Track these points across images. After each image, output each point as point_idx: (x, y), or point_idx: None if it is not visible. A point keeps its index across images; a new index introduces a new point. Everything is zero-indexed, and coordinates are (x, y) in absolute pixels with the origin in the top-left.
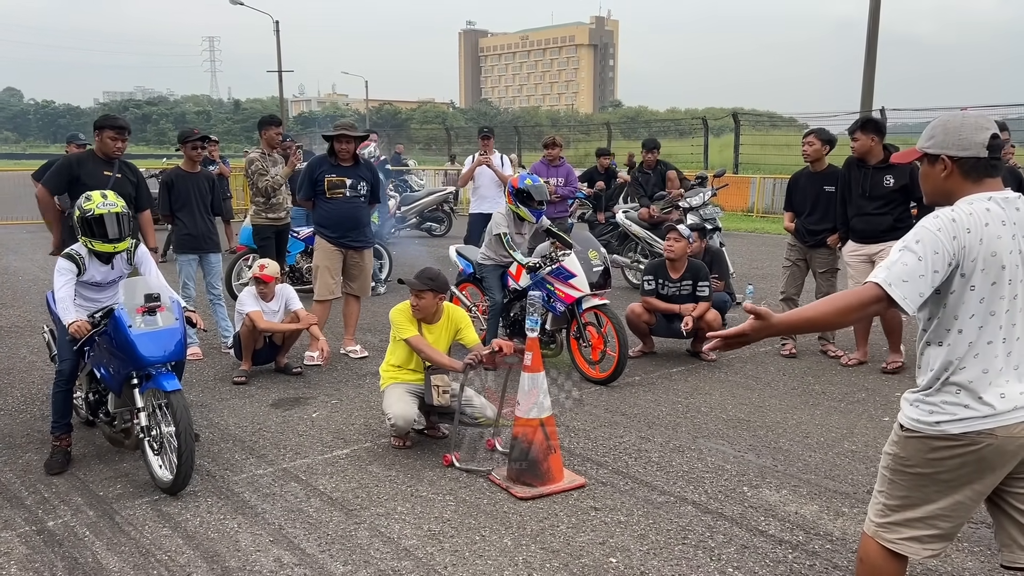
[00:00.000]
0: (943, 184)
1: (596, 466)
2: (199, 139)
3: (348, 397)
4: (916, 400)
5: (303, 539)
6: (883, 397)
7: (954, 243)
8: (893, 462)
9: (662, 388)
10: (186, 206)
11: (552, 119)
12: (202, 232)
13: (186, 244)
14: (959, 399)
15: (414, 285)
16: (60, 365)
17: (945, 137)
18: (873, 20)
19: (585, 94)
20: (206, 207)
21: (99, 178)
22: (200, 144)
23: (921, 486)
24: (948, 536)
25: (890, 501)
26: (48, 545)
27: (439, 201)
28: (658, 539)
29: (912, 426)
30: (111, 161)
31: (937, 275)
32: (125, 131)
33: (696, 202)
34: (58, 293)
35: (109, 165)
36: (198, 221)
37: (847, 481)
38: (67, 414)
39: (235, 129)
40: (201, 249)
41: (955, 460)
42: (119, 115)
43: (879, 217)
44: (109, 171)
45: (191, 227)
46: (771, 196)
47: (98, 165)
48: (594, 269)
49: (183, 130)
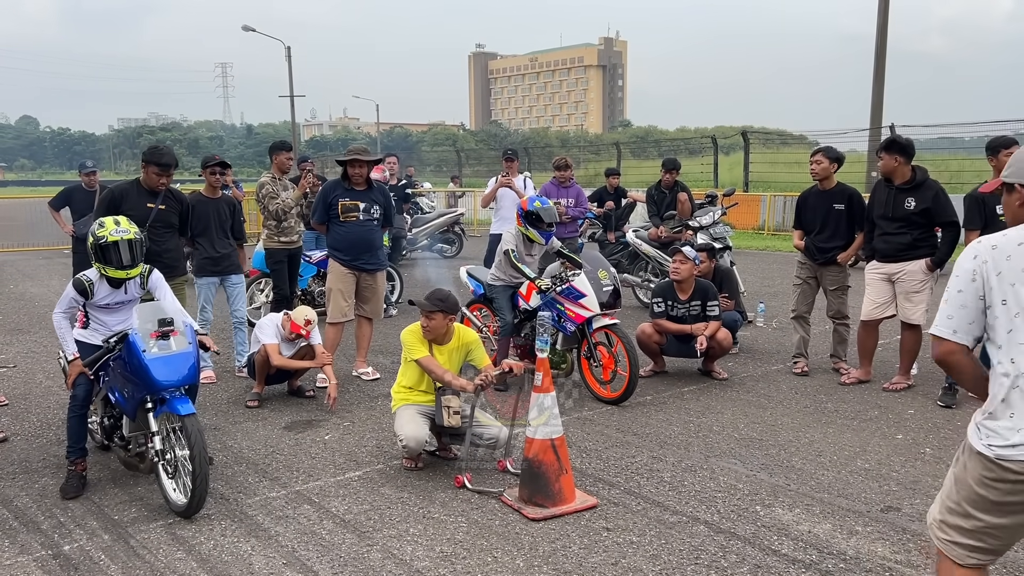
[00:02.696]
0: (1018, 211)
1: (608, 486)
2: (216, 164)
3: (360, 419)
4: (979, 422)
5: (316, 562)
6: (896, 415)
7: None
8: (958, 470)
9: (674, 407)
10: (206, 230)
11: (562, 139)
12: (222, 255)
13: (205, 268)
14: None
15: (424, 306)
16: (75, 390)
17: (1020, 167)
18: (881, 36)
19: (594, 114)
20: (226, 232)
21: (142, 210)
22: (218, 169)
23: (974, 501)
24: (994, 552)
25: (948, 502)
26: (64, 569)
27: (450, 222)
28: (671, 559)
29: (974, 445)
30: (155, 192)
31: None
32: (170, 168)
33: (706, 221)
34: (57, 320)
35: (153, 197)
36: (217, 245)
37: (860, 500)
38: (82, 439)
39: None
40: (221, 272)
41: (1007, 486)
42: (164, 150)
43: (898, 237)
44: (152, 203)
45: (210, 251)
46: (781, 214)
47: (142, 196)
48: (604, 289)
49: (206, 156)
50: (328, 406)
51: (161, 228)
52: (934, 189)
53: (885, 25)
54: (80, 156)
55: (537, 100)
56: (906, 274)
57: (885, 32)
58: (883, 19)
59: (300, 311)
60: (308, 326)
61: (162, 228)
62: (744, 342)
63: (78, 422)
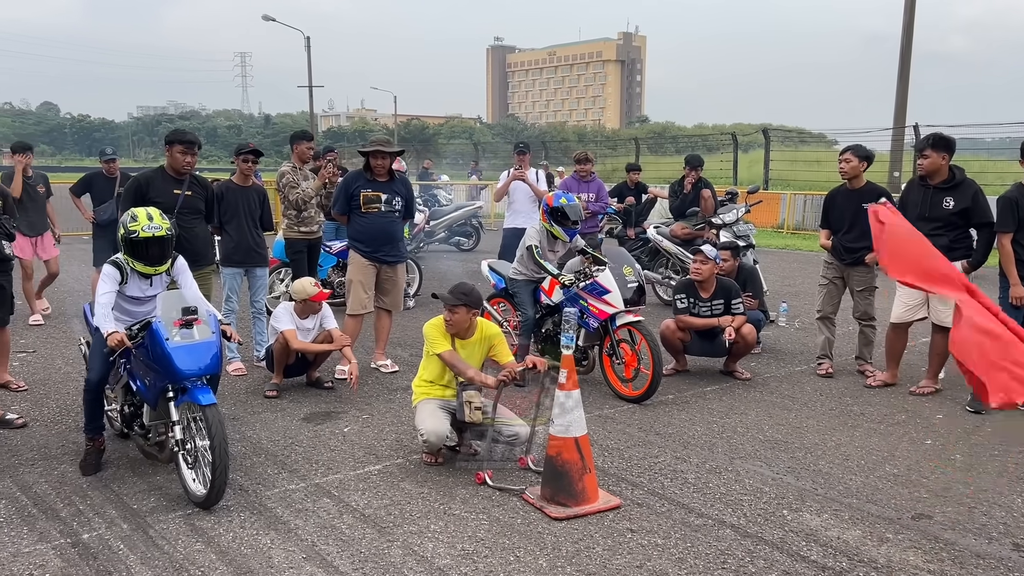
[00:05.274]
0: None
1: (631, 487)
2: (249, 152)
3: (379, 412)
4: None
5: (336, 556)
6: (924, 420)
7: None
8: None
9: (696, 407)
10: (235, 219)
11: (579, 134)
12: (249, 246)
13: (232, 257)
14: None
15: (447, 300)
16: (89, 374)
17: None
18: (907, 36)
19: (612, 110)
20: (255, 221)
21: (169, 196)
22: (251, 157)
23: None
24: None
25: None
26: (83, 558)
27: (468, 216)
28: (697, 563)
29: None
30: (181, 179)
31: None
32: (194, 145)
33: (729, 219)
34: (99, 299)
35: (178, 183)
36: (245, 235)
37: (890, 506)
38: (98, 417)
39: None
40: (247, 263)
41: None
42: (187, 129)
43: (934, 238)
44: (178, 189)
45: (238, 240)
46: (802, 212)
47: (167, 183)
48: (629, 285)
49: (239, 144)
50: (351, 388)
51: (189, 214)
52: (973, 188)
53: (911, 24)
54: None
55: (554, 94)
56: None
57: (911, 31)
58: (909, 18)
59: (301, 283)
60: (316, 287)
61: (190, 214)
62: (766, 342)
63: (93, 403)
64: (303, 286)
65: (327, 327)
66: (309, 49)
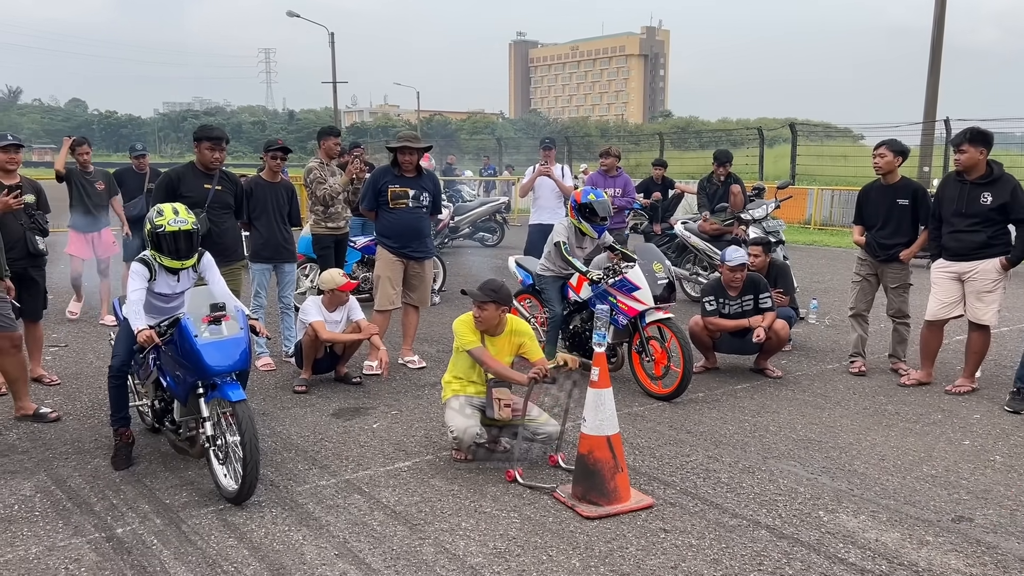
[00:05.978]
0: None
1: (663, 486)
2: (278, 149)
3: (408, 408)
4: None
5: (368, 554)
6: (961, 419)
7: None
8: None
9: (727, 405)
10: (263, 215)
11: (602, 129)
12: (278, 242)
13: (261, 253)
14: None
15: (477, 296)
16: (112, 360)
17: None
18: (938, 28)
19: (635, 104)
20: (283, 217)
21: (199, 191)
22: (279, 154)
23: None
24: None
25: None
26: (118, 553)
27: (492, 211)
28: (732, 564)
29: None
30: (211, 174)
31: None
32: (222, 141)
33: (759, 214)
34: (131, 295)
35: (209, 178)
36: (274, 231)
37: (929, 508)
38: (123, 407)
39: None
40: (276, 259)
41: None
42: (215, 125)
43: (971, 234)
44: (209, 184)
45: (267, 236)
46: (829, 208)
47: (198, 179)
48: (659, 282)
49: (268, 140)
50: (381, 376)
51: (219, 209)
52: (1012, 183)
53: (942, 17)
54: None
55: (577, 89)
56: (979, 273)
57: (942, 24)
58: (940, 11)
59: (329, 273)
60: (344, 277)
61: (220, 209)
62: (797, 339)
63: (117, 391)
64: (331, 276)
65: (354, 319)
66: (333, 45)
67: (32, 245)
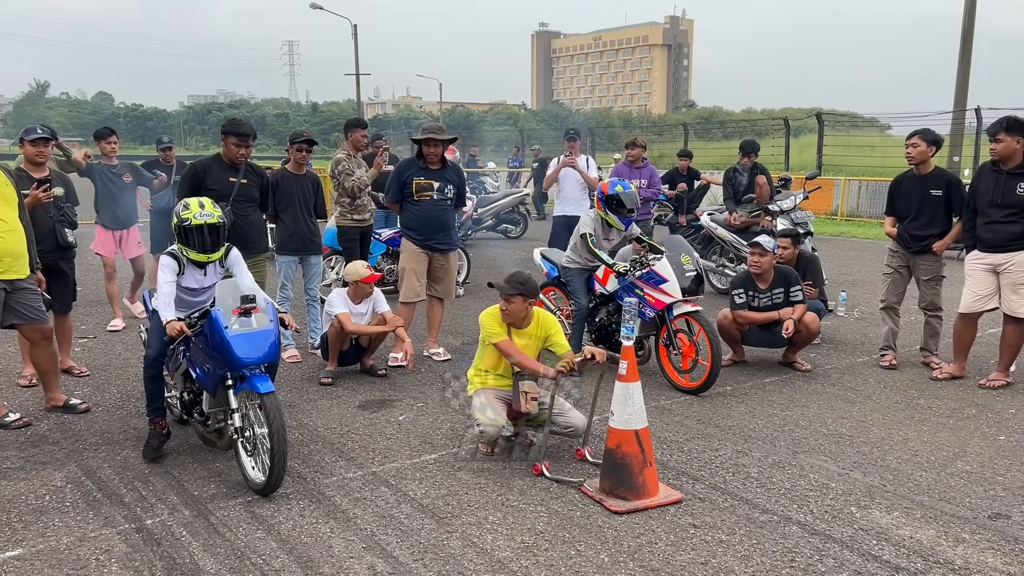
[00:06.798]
0: None
1: (692, 480)
2: (303, 141)
3: (433, 400)
4: None
5: (396, 547)
6: (996, 414)
7: None
8: None
9: (756, 399)
10: (289, 207)
11: (624, 120)
12: (304, 234)
13: (287, 245)
14: None
15: (504, 289)
16: (147, 351)
17: None
18: (969, 16)
19: (658, 95)
20: (309, 209)
21: (225, 184)
22: (304, 146)
23: None
24: None
25: None
26: (147, 544)
27: (515, 203)
28: (763, 561)
29: None
30: (236, 167)
31: None
32: (248, 138)
33: (787, 205)
34: (161, 287)
35: (234, 171)
36: (300, 223)
37: (964, 504)
38: (158, 397)
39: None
40: (302, 251)
41: None
42: (243, 120)
43: (1008, 225)
44: (234, 177)
45: (293, 228)
46: (856, 199)
47: (224, 171)
48: (687, 274)
49: (294, 132)
50: (407, 368)
51: (244, 202)
52: None
53: (973, 3)
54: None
55: (600, 80)
56: (1015, 264)
57: (973, 10)
58: None
59: (353, 265)
60: (368, 269)
61: (245, 202)
62: (826, 332)
63: (152, 381)
64: (356, 268)
65: (380, 311)
66: (356, 37)
67: (61, 237)
